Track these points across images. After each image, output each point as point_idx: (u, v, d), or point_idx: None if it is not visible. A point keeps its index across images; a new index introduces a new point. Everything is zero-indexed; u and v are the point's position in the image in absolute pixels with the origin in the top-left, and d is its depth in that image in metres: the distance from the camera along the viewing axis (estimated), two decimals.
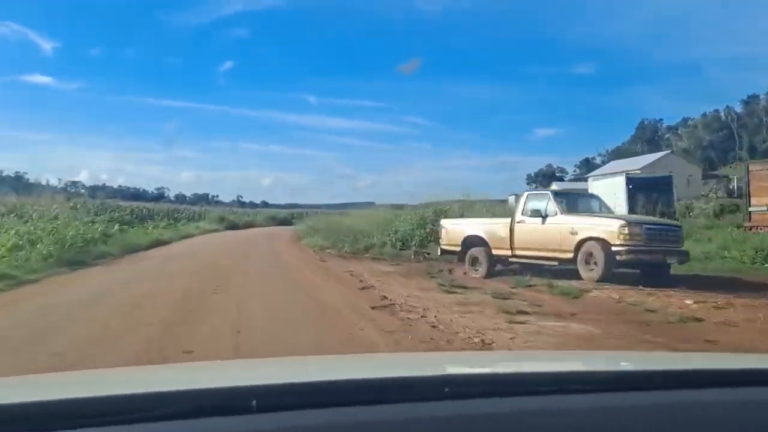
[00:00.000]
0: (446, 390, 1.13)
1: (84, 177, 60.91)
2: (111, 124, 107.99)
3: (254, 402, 1.04)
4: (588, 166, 75.49)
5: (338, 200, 47.35)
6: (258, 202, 52.02)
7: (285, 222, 46.83)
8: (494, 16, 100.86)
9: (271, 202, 53.56)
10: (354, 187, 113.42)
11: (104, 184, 40.65)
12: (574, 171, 77.84)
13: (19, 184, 27.05)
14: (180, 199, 29.78)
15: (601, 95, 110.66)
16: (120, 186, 43.34)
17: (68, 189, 25.19)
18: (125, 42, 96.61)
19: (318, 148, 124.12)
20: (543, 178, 75.25)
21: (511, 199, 25.29)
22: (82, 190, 25.84)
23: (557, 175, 76.56)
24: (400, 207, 26.10)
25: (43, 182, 26.15)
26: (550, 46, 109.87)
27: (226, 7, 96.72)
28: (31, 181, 30.66)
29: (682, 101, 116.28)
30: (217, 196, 39.69)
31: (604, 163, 73.61)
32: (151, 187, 54.05)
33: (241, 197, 30.36)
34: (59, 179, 27.17)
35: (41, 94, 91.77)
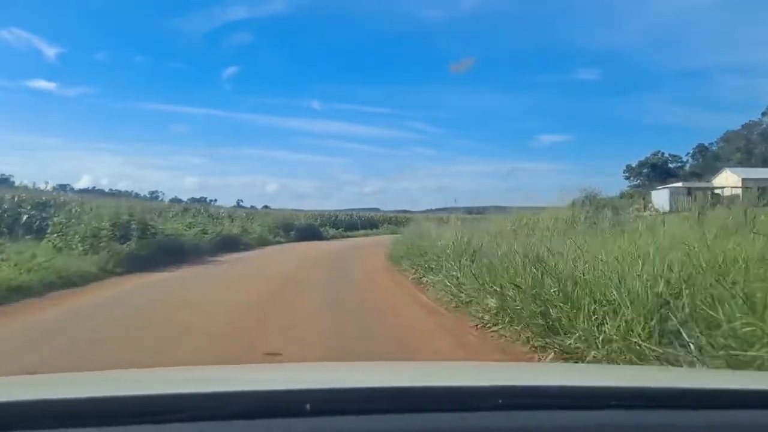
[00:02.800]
0: (499, 401, 1.14)
1: (84, 182, 61.15)
2: (115, 129, 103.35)
3: (308, 405, 1.08)
4: (705, 156, 73.58)
5: (343, 206, 50.08)
6: (259, 207, 47.72)
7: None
8: (498, 23, 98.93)
9: (273, 207, 50.11)
10: (360, 193, 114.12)
11: (94, 187, 38.97)
12: (687, 160, 75.80)
13: (4, 186, 25.87)
14: (175, 202, 31.54)
15: (606, 102, 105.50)
16: (111, 190, 40.51)
17: (54, 192, 24.95)
18: (130, 47, 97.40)
19: (323, 153, 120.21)
20: (651, 170, 74.29)
21: None
22: (71, 194, 26.60)
23: (669, 166, 75.11)
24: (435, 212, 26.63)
25: (30, 185, 25.16)
26: (554, 53, 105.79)
27: (231, 13, 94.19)
28: (17, 184, 29.12)
29: (687, 109, 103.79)
30: (216, 200, 38.80)
31: (720, 150, 71.42)
32: (144, 191, 49.31)
33: (242, 201, 32.50)
34: (46, 182, 27.64)
35: (45, 99, 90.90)
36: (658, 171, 73.12)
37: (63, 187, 32.40)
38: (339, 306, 8.84)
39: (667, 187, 43.30)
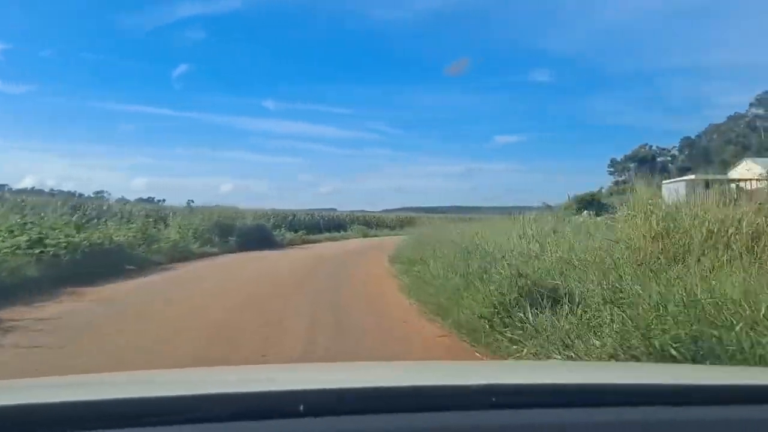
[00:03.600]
0: (493, 399, 1.14)
1: (26, 182, 57.88)
2: (61, 128, 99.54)
3: (302, 406, 1.07)
4: (692, 149, 68.37)
5: (299, 207, 44.96)
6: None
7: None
8: (456, 25, 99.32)
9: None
10: (316, 193, 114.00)
11: (33, 187, 36.62)
12: (674, 152, 70.47)
13: None
14: (121, 202, 28.28)
15: (559, 103, 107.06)
16: (52, 190, 38.07)
17: None
18: (77, 44, 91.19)
19: (279, 154, 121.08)
20: (639, 165, 68.72)
21: None
22: (8, 194, 24.14)
23: (658, 160, 69.56)
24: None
25: None
26: (509, 55, 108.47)
27: (183, 9, 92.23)
28: None
29: (638, 110, 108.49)
30: (164, 200, 35.66)
31: (710, 143, 66.27)
32: (88, 191, 47.67)
33: (192, 201, 26.41)
34: None
35: None
36: (646, 165, 68.06)
37: (1, 187, 29.85)
38: None
39: (681, 180, 36.53)
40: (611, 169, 74.18)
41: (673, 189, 36.40)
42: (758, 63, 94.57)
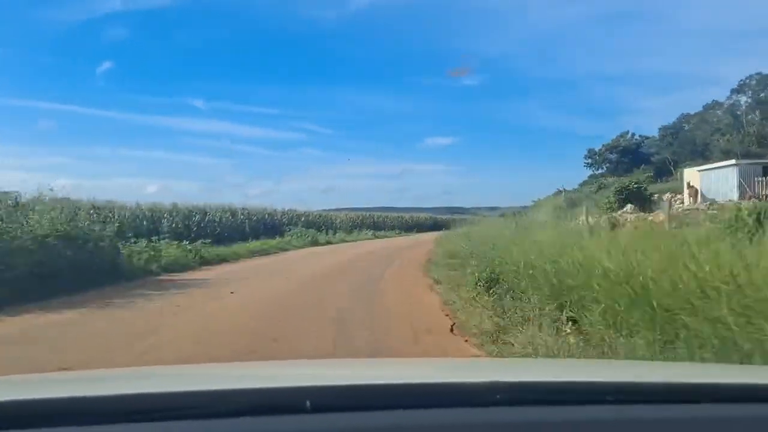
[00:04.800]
0: (497, 397, 1.13)
1: None
2: None
3: (308, 402, 1.06)
4: (680, 137, 60.70)
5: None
6: None
7: None
8: (387, 26, 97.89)
9: None
10: (246, 194, 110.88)
11: None
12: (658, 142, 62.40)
13: None
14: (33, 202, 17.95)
15: (489, 105, 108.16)
16: None
17: None
18: None
19: (207, 154, 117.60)
20: (621, 155, 60.34)
21: None
22: None
23: (641, 151, 61.32)
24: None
25: None
26: (440, 57, 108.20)
27: (106, 5, 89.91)
28: None
29: (565, 115, 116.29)
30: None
31: (695, 131, 58.79)
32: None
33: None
34: None
35: None
36: (629, 155, 60.31)
37: None
38: None
39: (728, 165, 27.49)
40: (589, 161, 66.18)
41: (722, 176, 26.95)
42: (677, 71, 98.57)
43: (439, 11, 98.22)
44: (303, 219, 34.78)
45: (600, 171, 63.81)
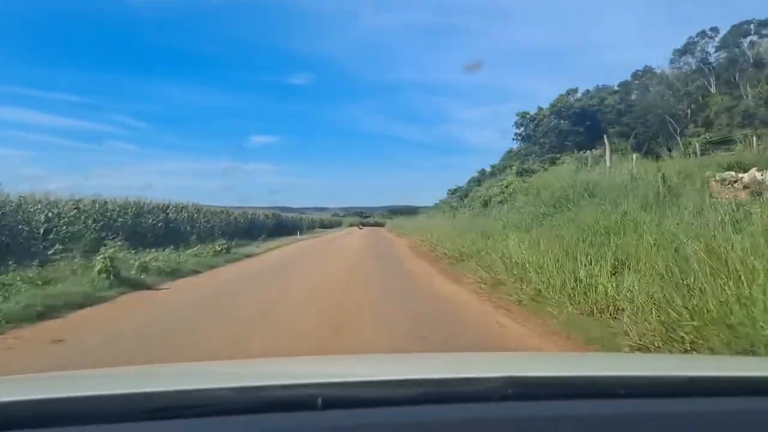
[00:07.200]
0: (509, 391, 1.14)
1: None
2: None
3: (319, 399, 1.07)
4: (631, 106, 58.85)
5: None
6: None
7: None
8: (210, 17, 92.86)
9: None
10: (45, 191, 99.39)
11: None
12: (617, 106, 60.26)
13: None
14: None
15: (316, 106, 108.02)
16: None
17: None
18: None
19: None
20: (575, 122, 56.97)
21: None
22: None
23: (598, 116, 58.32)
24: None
25: None
26: (266, 55, 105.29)
27: None
28: None
29: (384, 117, 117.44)
30: None
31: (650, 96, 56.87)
32: None
33: None
34: None
35: None
36: (585, 121, 56.50)
37: None
38: None
39: None
40: (519, 130, 58.28)
41: None
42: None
43: (273, 10, 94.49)
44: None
45: (528, 144, 59.50)
